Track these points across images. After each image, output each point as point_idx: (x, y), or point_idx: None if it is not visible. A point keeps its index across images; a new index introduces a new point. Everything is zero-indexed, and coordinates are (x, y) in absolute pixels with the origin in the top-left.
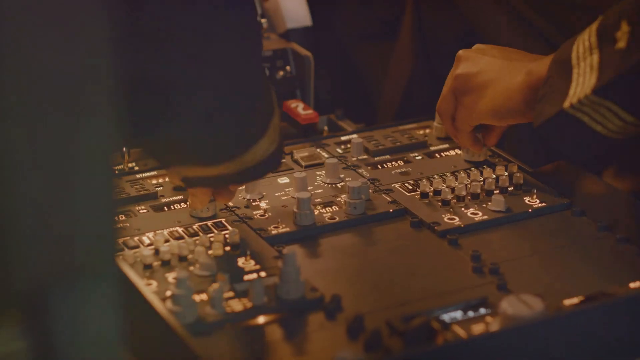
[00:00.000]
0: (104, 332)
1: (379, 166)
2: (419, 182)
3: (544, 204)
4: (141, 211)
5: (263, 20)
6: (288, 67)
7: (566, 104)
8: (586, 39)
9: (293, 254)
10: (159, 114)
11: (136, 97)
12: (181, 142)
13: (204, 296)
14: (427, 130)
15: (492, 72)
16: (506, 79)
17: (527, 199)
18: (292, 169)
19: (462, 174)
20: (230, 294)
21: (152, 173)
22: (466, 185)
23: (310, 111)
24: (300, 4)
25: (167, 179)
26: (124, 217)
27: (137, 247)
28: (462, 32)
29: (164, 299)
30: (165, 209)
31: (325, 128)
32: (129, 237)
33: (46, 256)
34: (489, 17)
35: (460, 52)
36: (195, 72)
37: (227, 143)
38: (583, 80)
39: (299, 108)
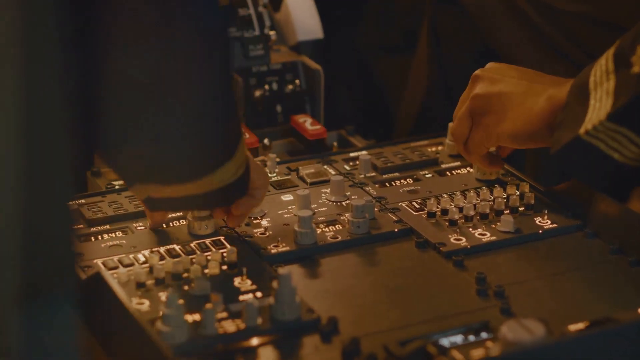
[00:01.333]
0: (61, 353)
1: (387, 184)
2: (427, 201)
3: (555, 225)
4: (138, 228)
5: (272, 33)
6: (297, 81)
7: (581, 131)
8: (603, 63)
9: (288, 274)
10: (122, 128)
11: (100, 110)
12: (144, 158)
13: (197, 316)
14: (439, 147)
15: (513, 94)
16: (527, 102)
17: (537, 220)
18: (297, 185)
19: (472, 193)
20: (224, 314)
21: None
22: (475, 204)
23: (318, 126)
24: (312, 16)
25: None
26: (120, 234)
27: (131, 264)
28: (479, 46)
29: (154, 319)
30: (164, 225)
31: (335, 144)
32: (124, 255)
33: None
34: (505, 32)
35: (477, 72)
36: (159, 89)
37: (191, 162)
38: (599, 106)
39: (307, 123)
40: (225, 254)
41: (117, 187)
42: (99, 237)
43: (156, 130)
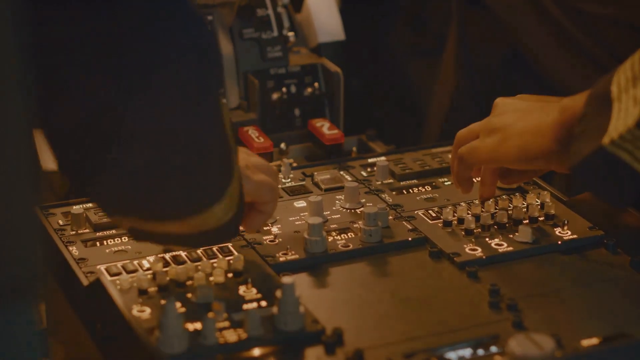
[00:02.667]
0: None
1: (404, 191)
2: (443, 209)
3: (575, 236)
4: None
5: (290, 34)
6: (316, 84)
7: (605, 140)
8: (628, 69)
9: (292, 283)
10: (98, 159)
11: (74, 139)
12: (122, 192)
13: (199, 325)
14: None
15: (525, 111)
16: (538, 116)
17: (557, 231)
18: (311, 192)
19: (490, 202)
20: (226, 323)
21: None
22: (493, 214)
23: (335, 131)
24: (334, 17)
25: None
26: (126, 239)
27: (135, 271)
28: (507, 50)
29: (153, 328)
30: None
31: (354, 149)
32: (128, 261)
33: None
34: (533, 35)
35: (498, 99)
36: (137, 121)
37: (171, 202)
38: (625, 115)
39: (324, 127)
40: (231, 262)
41: None
42: (105, 242)
43: (134, 163)
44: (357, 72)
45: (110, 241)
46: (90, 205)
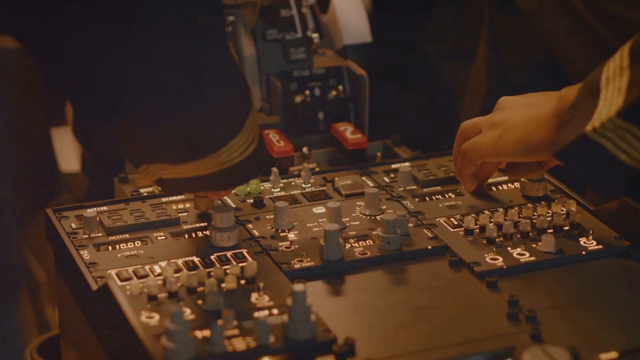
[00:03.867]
0: None
1: (426, 198)
2: (465, 217)
3: (600, 247)
4: (159, 238)
5: (315, 35)
6: (341, 87)
7: (588, 128)
8: (617, 59)
9: (303, 290)
10: (120, 100)
11: (100, 82)
12: (144, 134)
13: (207, 332)
14: None
15: (527, 104)
16: (538, 107)
17: (582, 241)
18: (331, 197)
19: (514, 210)
20: (235, 331)
21: (179, 197)
22: (516, 222)
23: (359, 135)
24: (361, 18)
25: (192, 205)
26: (139, 244)
27: (146, 276)
28: (538, 53)
29: (160, 335)
30: (186, 236)
31: (379, 154)
32: (139, 266)
33: None
34: (564, 38)
35: (502, 98)
36: (154, 58)
37: (193, 138)
38: (609, 104)
39: (348, 132)
40: (244, 268)
41: (144, 194)
42: (117, 246)
43: (152, 105)
44: (386, 75)
45: (123, 245)
46: (104, 208)
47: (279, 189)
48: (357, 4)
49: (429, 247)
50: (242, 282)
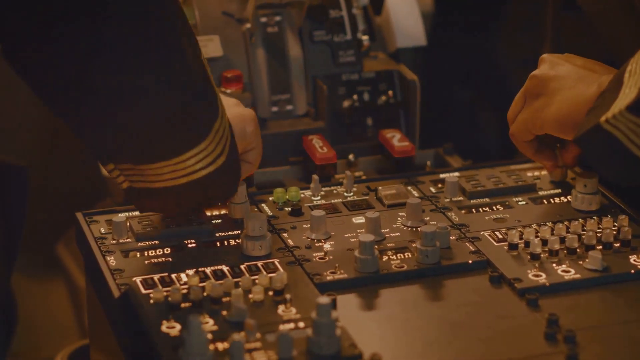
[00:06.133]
0: None
1: (473, 210)
2: (510, 231)
3: None
4: (190, 245)
5: (365, 38)
6: (391, 92)
7: (602, 118)
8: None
9: (328, 303)
10: (84, 103)
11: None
12: (109, 130)
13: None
14: (542, 172)
15: (567, 78)
16: (578, 88)
17: (632, 258)
18: (373, 207)
19: (561, 225)
20: (258, 344)
21: None
22: (563, 237)
23: (406, 143)
24: (415, 21)
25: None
26: (169, 251)
27: (171, 284)
28: (603, 56)
29: (178, 346)
30: (217, 244)
31: (428, 163)
32: (166, 274)
33: None
34: (628, 41)
35: (545, 55)
36: (116, 55)
37: (158, 138)
38: (625, 96)
39: (395, 139)
40: (273, 279)
41: None
42: (145, 253)
43: (117, 114)
44: (445, 80)
45: (151, 252)
46: (135, 213)
47: (319, 197)
48: (412, 6)
49: (470, 262)
50: (270, 293)
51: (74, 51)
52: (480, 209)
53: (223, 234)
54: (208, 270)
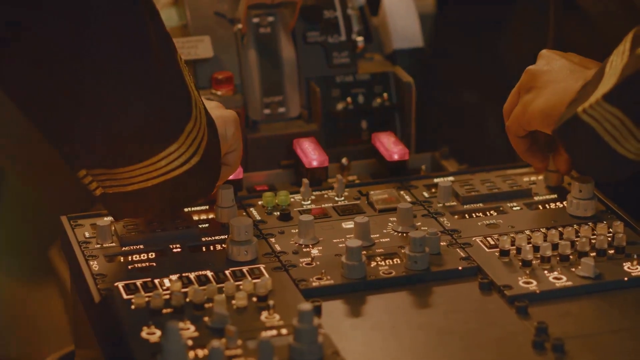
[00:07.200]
0: None
1: (466, 215)
2: (502, 237)
3: None
4: (174, 250)
5: (360, 39)
6: (386, 95)
7: (580, 109)
8: (622, 44)
9: (310, 309)
10: (55, 107)
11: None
12: (80, 140)
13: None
14: (538, 177)
15: (560, 73)
16: (567, 81)
17: (626, 266)
18: (364, 212)
19: (554, 231)
20: (238, 351)
21: (201, 207)
22: (555, 244)
23: (400, 147)
24: (412, 22)
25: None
26: (153, 255)
27: (154, 289)
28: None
29: (156, 353)
30: (203, 249)
31: (423, 167)
32: (149, 279)
33: None
34: None
35: (544, 50)
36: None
37: (129, 140)
38: (603, 86)
39: (389, 142)
40: (257, 284)
41: None
42: (129, 257)
43: (86, 108)
44: (445, 82)
45: (136, 257)
46: None
47: (309, 202)
48: (409, 7)
49: (460, 268)
50: (255, 299)
51: (43, 53)
52: (473, 214)
53: (209, 238)
54: (192, 275)
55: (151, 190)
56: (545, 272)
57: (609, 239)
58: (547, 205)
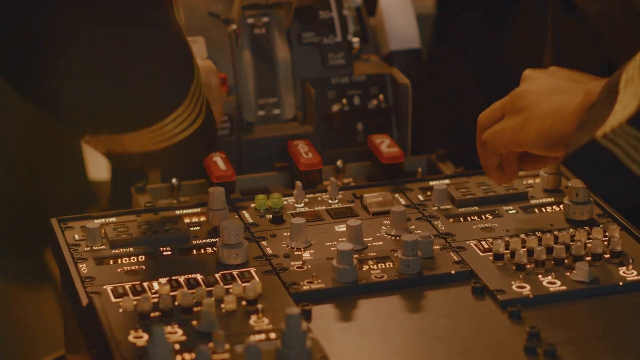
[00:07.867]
0: None
1: (460, 219)
2: (496, 240)
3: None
4: (165, 253)
5: (355, 40)
6: (381, 96)
7: (599, 133)
8: (638, 60)
9: (297, 314)
10: (57, 74)
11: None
12: (86, 107)
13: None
14: (536, 180)
15: (549, 93)
16: (561, 100)
17: (622, 270)
18: (357, 215)
19: (549, 235)
20: (226, 355)
21: (194, 210)
22: (550, 248)
23: (395, 149)
24: (409, 22)
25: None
26: (143, 259)
27: (142, 293)
28: (604, 64)
29: (142, 356)
30: (194, 252)
31: (419, 170)
32: (138, 282)
33: None
34: (629, 47)
35: (527, 71)
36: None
37: (136, 105)
38: (623, 108)
39: (384, 144)
40: (246, 288)
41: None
42: (118, 260)
43: (90, 70)
44: (442, 83)
45: (125, 260)
46: (112, 219)
47: (302, 205)
48: (407, 7)
49: (453, 272)
50: (244, 303)
51: (45, 10)
52: (468, 217)
53: (200, 241)
54: (181, 278)
55: (158, 152)
56: (540, 276)
57: (605, 243)
58: (543, 209)
